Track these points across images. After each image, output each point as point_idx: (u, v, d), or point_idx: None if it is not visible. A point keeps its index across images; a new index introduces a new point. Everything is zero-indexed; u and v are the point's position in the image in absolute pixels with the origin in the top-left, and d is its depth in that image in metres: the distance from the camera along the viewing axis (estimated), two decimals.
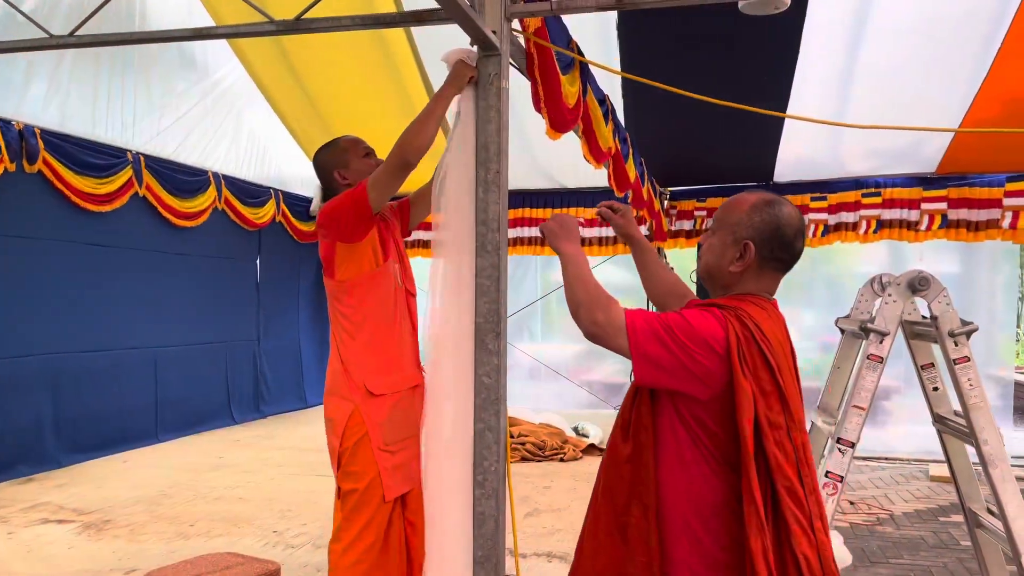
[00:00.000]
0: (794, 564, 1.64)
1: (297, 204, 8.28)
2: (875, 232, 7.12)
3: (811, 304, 8.18)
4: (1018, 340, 17.19)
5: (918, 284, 2.25)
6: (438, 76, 2.37)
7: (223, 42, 6.35)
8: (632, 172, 4.64)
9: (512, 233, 8.05)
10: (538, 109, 2.72)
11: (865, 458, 7.37)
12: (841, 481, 2.22)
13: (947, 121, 6.25)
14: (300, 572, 3.69)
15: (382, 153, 2.60)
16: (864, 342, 2.29)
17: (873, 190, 7.07)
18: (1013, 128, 6.12)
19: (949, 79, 5.69)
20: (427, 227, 2.74)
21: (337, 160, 2.72)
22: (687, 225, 7.77)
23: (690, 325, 1.68)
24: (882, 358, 2.26)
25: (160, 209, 6.47)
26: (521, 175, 7.69)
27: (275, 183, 7.94)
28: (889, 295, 2.29)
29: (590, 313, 1.77)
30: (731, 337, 1.66)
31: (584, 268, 1.86)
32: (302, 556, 3.91)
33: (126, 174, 6.03)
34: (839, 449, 2.23)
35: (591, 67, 3.38)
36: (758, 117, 5.98)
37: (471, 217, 2.33)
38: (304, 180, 8.20)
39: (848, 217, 7.19)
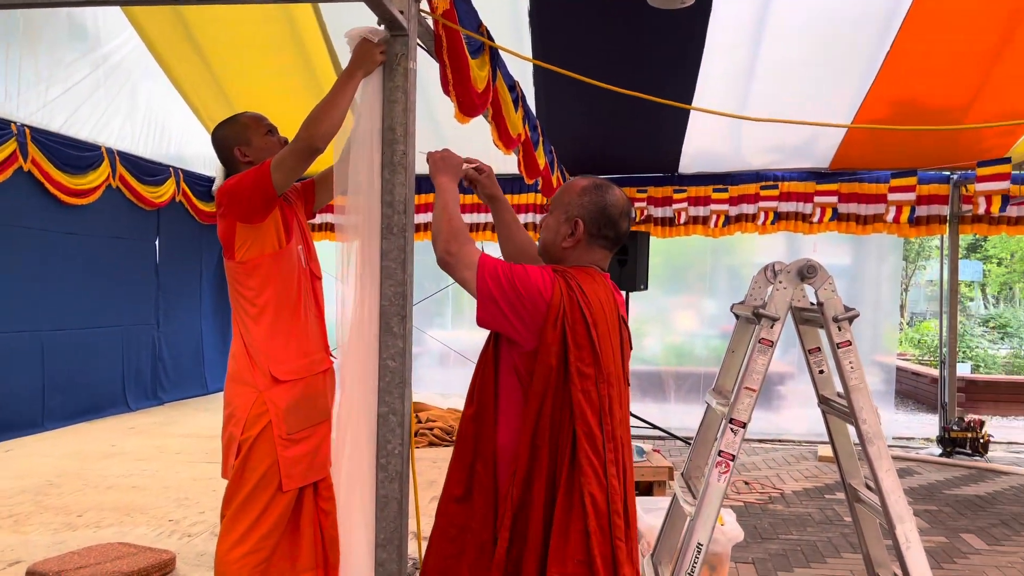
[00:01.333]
0: (580, 502, 1.82)
1: (199, 183, 7.99)
2: (772, 223, 7.43)
3: (713, 293, 8.46)
4: (901, 329, 18.28)
5: (806, 272, 2.37)
6: (348, 56, 2.32)
7: (116, 10, 6.04)
8: (542, 159, 4.69)
9: (423, 219, 8.00)
10: (446, 92, 2.71)
11: (760, 440, 7.70)
12: (733, 459, 2.32)
13: (840, 119, 6.57)
14: (197, 561, 3.59)
15: (289, 133, 2.53)
16: (756, 327, 2.39)
17: (771, 183, 7.37)
18: (897, 123, 6.49)
19: (843, 79, 5.98)
20: (332, 210, 2.69)
21: (238, 137, 2.64)
22: None
23: (527, 274, 1.89)
24: (772, 342, 2.37)
25: (48, 185, 6.12)
26: None
27: (175, 161, 7.63)
28: (780, 282, 2.40)
29: (446, 243, 1.96)
30: (556, 291, 1.87)
31: (452, 203, 2.03)
32: (200, 545, 3.80)
33: (10, 146, 5.68)
34: (731, 429, 2.32)
35: (501, 53, 3.38)
36: (665, 110, 6.17)
37: (377, 199, 2.30)
38: (207, 159, 7.91)
39: (748, 209, 7.48)
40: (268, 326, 2.56)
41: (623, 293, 2.24)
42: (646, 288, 7.56)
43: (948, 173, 7.37)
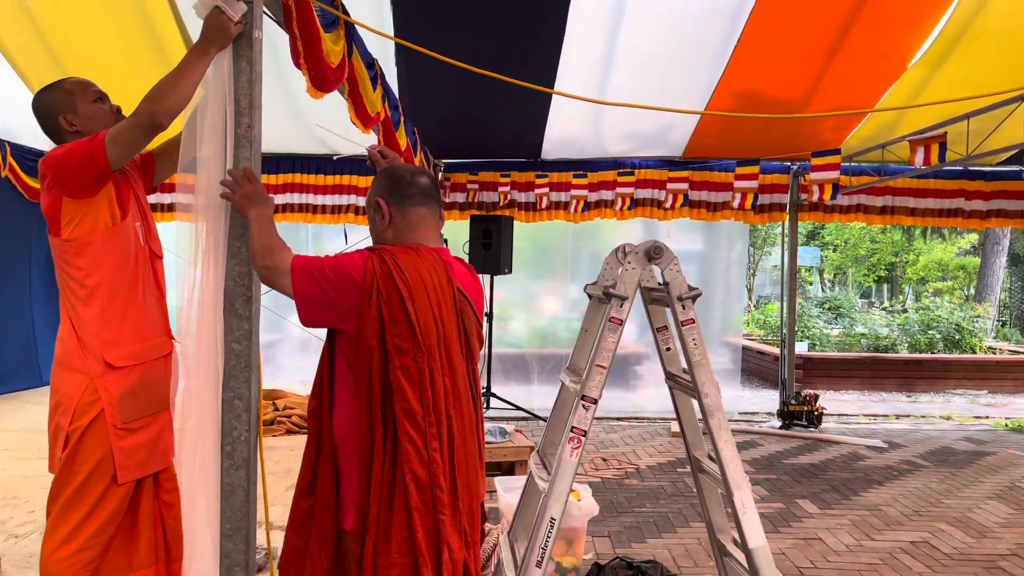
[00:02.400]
0: (401, 480, 1.86)
1: (29, 158, 7.34)
2: (629, 209, 7.68)
3: (576, 277, 8.67)
4: (749, 311, 19.42)
5: (653, 253, 2.46)
6: (198, 27, 2.18)
7: None
8: (403, 140, 4.62)
9: (281, 199, 7.73)
10: (297, 65, 2.61)
11: (618, 419, 7.99)
12: (584, 435, 2.38)
13: (693, 106, 6.87)
14: (25, 563, 3.33)
15: (131, 107, 2.34)
16: (607, 306, 2.46)
17: (628, 170, 7.62)
18: (747, 116, 6.86)
19: (695, 71, 6.23)
20: (174, 188, 2.52)
21: (62, 104, 2.43)
22: (460, 198, 7.90)
23: (337, 263, 1.93)
24: (622, 320, 2.44)
25: None
26: (291, 139, 7.38)
27: (1, 133, 6.98)
28: (628, 263, 2.48)
29: (262, 259, 1.99)
30: (368, 270, 1.91)
31: (265, 226, 2.04)
32: (28, 546, 3.52)
33: None
34: (583, 405, 2.38)
35: (359, 29, 3.30)
36: (528, 95, 6.23)
37: (224, 176, 2.19)
38: (38, 132, 7.27)
39: (606, 195, 7.70)
40: (101, 308, 2.39)
41: (479, 275, 2.25)
42: (510, 272, 7.65)
43: (789, 164, 7.88)
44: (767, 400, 9.50)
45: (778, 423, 7.79)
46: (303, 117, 6.71)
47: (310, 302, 1.91)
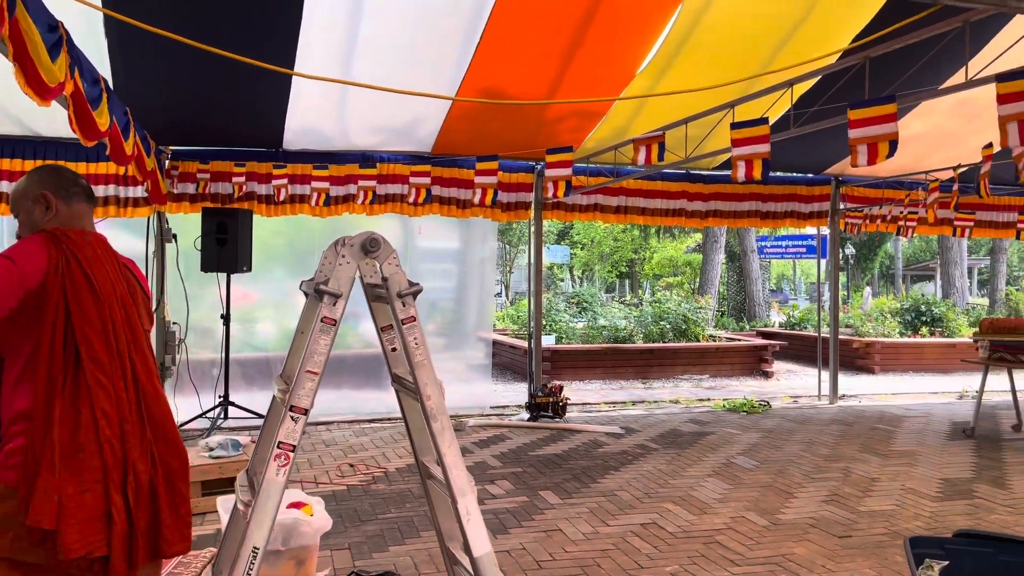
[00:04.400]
0: (92, 416, 2.07)
1: None
2: (375, 204, 7.46)
3: None
4: (504, 307, 20.01)
5: (369, 246, 2.26)
6: None
7: None
8: (104, 118, 4.02)
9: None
10: None
11: (370, 420, 7.75)
12: (293, 450, 2.12)
13: (440, 103, 6.80)
14: None
15: None
16: (320, 305, 2.22)
17: (370, 163, 7.39)
18: (488, 115, 6.92)
19: (441, 65, 6.15)
20: None
21: None
22: (191, 188, 7.21)
23: (17, 251, 2.12)
24: (335, 320, 2.22)
25: None
26: None
27: None
28: (343, 256, 2.26)
29: None
30: (47, 247, 2.14)
31: None
32: None
33: None
34: (291, 417, 2.12)
35: None
36: (265, 81, 5.79)
37: None
38: None
39: (351, 189, 7.41)
40: None
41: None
42: (249, 269, 7.12)
43: (534, 164, 8.10)
44: (518, 393, 9.73)
45: (526, 415, 7.98)
46: None
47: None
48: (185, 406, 6.78)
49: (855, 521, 4.72)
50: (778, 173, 8.90)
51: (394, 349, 2.57)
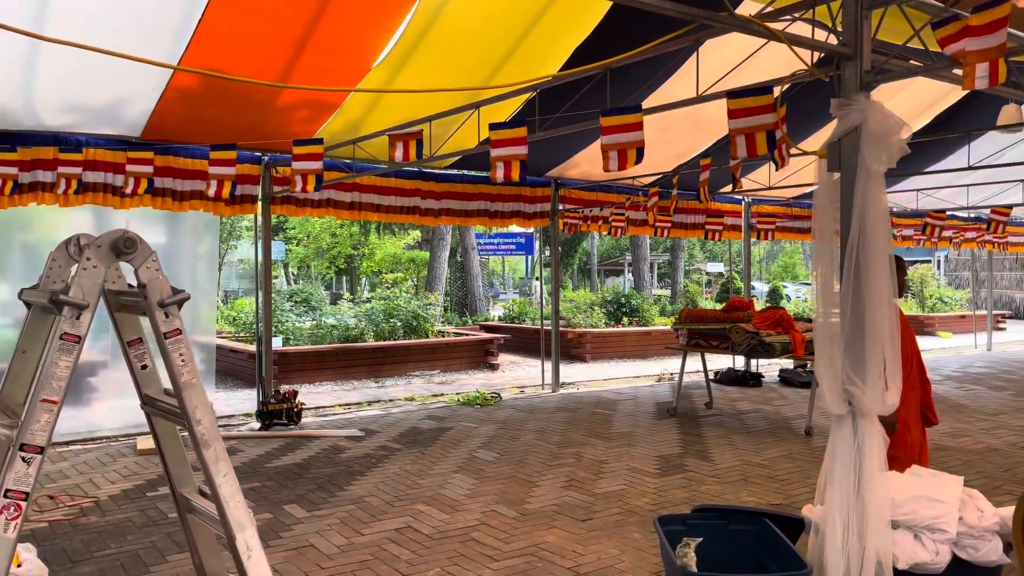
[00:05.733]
0: None
1: None
2: (76, 194, 6.48)
3: (5, 275, 7.08)
4: (219, 308, 18.64)
5: (123, 247, 1.90)
6: None
7: None
8: None
9: None
10: None
11: (68, 443, 6.76)
12: (26, 499, 1.71)
13: (153, 87, 6.07)
14: None
15: None
16: (57, 318, 1.82)
17: (74, 148, 6.41)
18: (209, 98, 6.34)
19: (152, 42, 5.48)
20: None
21: None
22: None
23: None
24: (80, 337, 1.83)
25: None
26: None
27: None
28: (88, 259, 1.87)
29: None
30: None
31: None
32: None
33: None
34: (22, 458, 1.71)
35: None
36: None
37: None
38: None
39: (46, 176, 6.35)
40: None
41: None
42: None
43: (260, 154, 7.58)
44: (244, 401, 9.09)
45: (258, 424, 7.47)
46: None
47: None
48: None
49: (593, 504, 5.03)
50: None
51: (145, 367, 2.20)
